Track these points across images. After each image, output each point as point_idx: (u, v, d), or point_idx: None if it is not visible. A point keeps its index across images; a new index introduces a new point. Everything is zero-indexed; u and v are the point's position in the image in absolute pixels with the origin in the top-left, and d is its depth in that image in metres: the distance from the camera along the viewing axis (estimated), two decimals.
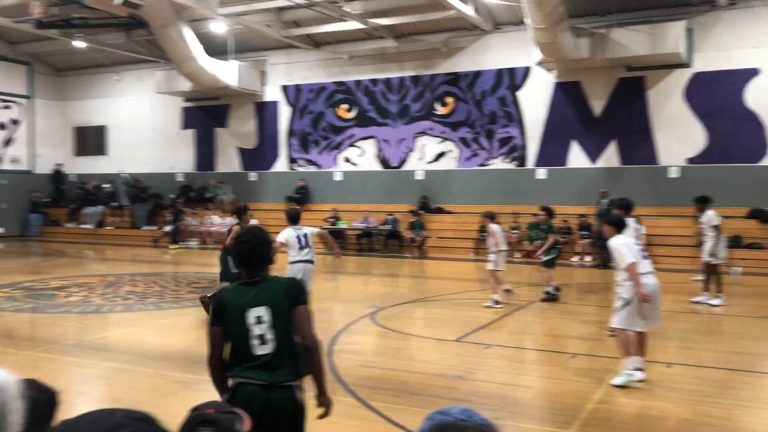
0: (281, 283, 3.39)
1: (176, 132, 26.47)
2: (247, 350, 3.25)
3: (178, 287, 13.36)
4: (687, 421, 5.64)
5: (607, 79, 19.50)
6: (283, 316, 3.27)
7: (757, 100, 17.94)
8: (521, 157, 20.73)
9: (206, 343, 3.42)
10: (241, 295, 3.34)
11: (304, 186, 23.70)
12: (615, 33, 17.88)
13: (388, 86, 22.62)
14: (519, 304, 11.37)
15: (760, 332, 9.21)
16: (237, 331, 3.27)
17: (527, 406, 6.24)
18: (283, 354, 3.25)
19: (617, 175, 19.33)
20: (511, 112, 20.80)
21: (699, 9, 18.41)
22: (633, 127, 19.28)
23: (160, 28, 20.32)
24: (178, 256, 20.40)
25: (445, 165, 21.82)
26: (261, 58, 24.55)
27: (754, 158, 18.04)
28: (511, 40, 20.57)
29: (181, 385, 6.67)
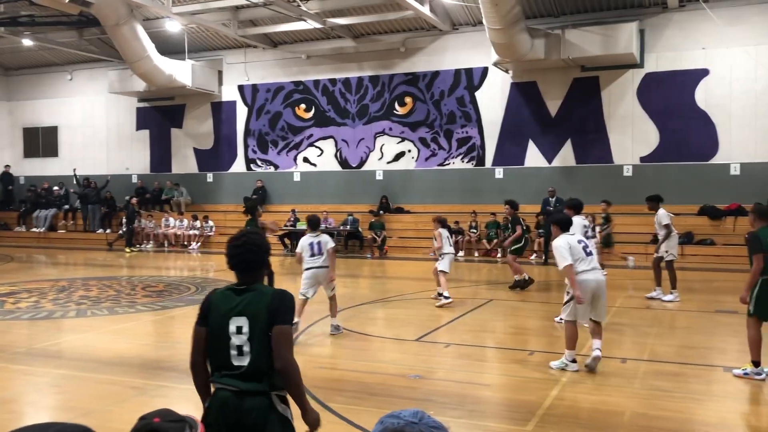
0: (266, 296, 3.24)
1: (131, 133, 25.98)
2: (225, 358, 3.19)
3: (133, 291, 13.08)
4: (641, 414, 5.73)
5: (563, 80, 19.80)
6: (261, 330, 3.16)
7: (707, 100, 18.43)
8: (479, 157, 20.90)
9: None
10: (226, 301, 3.25)
11: (262, 187, 23.49)
12: (569, 34, 18.16)
13: (347, 86, 22.57)
14: (478, 302, 11.45)
15: (712, 327, 9.44)
16: (217, 337, 3.21)
17: (487, 404, 6.27)
18: (259, 367, 3.16)
19: (573, 174, 19.64)
20: (469, 112, 20.95)
21: (651, 10, 18.83)
22: (588, 126, 19.61)
23: (112, 27, 19.89)
24: (134, 259, 20.01)
25: (405, 165, 21.87)
26: (217, 58, 24.25)
27: (705, 156, 18.52)
28: (468, 41, 20.73)
29: (136, 391, 6.52)
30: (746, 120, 18.08)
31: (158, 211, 24.41)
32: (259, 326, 3.15)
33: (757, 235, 6.68)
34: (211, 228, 23.15)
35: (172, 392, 6.56)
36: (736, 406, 6.25)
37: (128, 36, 20.26)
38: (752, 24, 17.94)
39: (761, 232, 6.68)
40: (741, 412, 6.11)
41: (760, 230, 6.71)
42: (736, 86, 18.15)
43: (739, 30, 18.02)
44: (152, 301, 11.96)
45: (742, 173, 18.15)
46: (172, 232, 23.30)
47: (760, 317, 6.78)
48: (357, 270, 17.14)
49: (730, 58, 18.16)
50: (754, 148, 18.04)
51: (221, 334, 3.18)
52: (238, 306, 3.20)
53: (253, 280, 3.30)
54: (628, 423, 5.54)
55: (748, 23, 17.96)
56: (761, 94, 17.73)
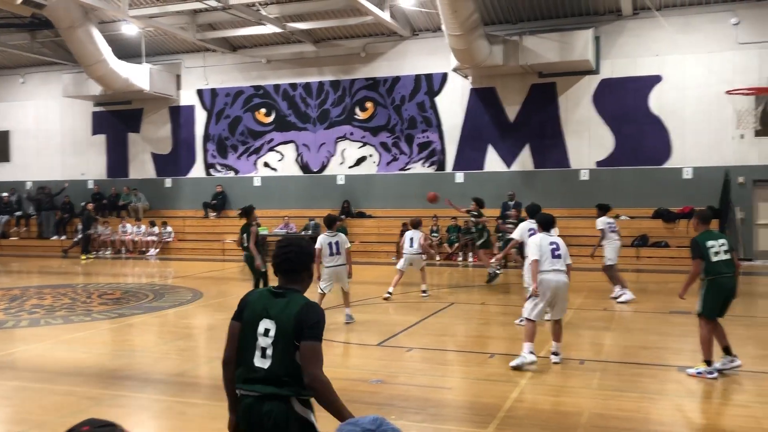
0: (296, 305, 3.23)
1: (86, 137, 25.47)
2: (250, 357, 3.22)
3: (89, 299, 12.81)
4: (599, 415, 5.84)
5: (521, 86, 20.08)
6: (285, 337, 3.17)
7: (660, 106, 18.89)
8: (440, 162, 21.05)
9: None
10: (261, 302, 3.30)
11: (222, 192, 23.26)
12: (527, 41, 18.43)
13: (308, 90, 22.51)
14: (440, 306, 11.52)
15: (667, 327, 9.66)
16: (246, 335, 3.25)
17: (448, 407, 6.31)
18: (278, 372, 3.16)
19: (531, 178, 19.91)
20: (430, 117, 21.10)
21: (605, 18, 19.23)
22: (545, 131, 19.92)
23: (66, 30, 19.48)
24: (90, 266, 19.59)
25: (366, 169, 21.89)
26: (176, 62, 23.95)
27: (659, 161, 18.97)
28: (428, 47, 20.88)
29: (92, 401, 6.39)
30: (698, 125, 18.59)
31: (115, 217, 23.97)
32: (284, 333, 3.17)
33: (697, 240, 7.03)
34: (170, 234, 22.83)
35: (130, 402, 6.45)
36: (690, 405, 6.41)
37: (83, 39, 19.87)
38: (704, 32, 18.46)
39: (702, 237, 7.05)
40: (694, 411, 6.27)
41: (702, 235, 7.08)
42: (688, 92, 18.65)
43: (690, 37, 18.53)
44: (109, 309, 11.74)
45: (694, 177, 18.64)
46: (130, 238, 22.90)
47: (708, 316, 7.03)
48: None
49: (683, 64, 18.66)
50: (706, 153, 18.55)
51: (250, 333, 3.23)
52: (271, 309, 3.24)
53: (292, 284, 3.35)
54: (586, 423, 5.63)
55: (700, 31, 18.48)
56: (713, 101, 18.24)
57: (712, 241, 7.01)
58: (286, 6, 19.96)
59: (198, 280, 16.08)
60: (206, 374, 7.53)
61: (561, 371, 7.26)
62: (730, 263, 6.99)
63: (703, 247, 6.95)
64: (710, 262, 6.93)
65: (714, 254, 6.94)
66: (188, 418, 5.98)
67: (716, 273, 6.92)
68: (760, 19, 17.63)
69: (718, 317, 7.06)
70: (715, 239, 7.05)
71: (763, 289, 13.88)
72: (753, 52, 17.93)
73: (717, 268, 6.92)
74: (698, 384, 6.81)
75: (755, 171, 18.25)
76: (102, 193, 24.73)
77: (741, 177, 18.30)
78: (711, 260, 6.92)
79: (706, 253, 6.92)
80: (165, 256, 22.14)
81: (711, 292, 6.97)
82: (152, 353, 8.50)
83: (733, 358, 7.06)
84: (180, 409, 6.25)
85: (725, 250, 6.99)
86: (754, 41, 17.83)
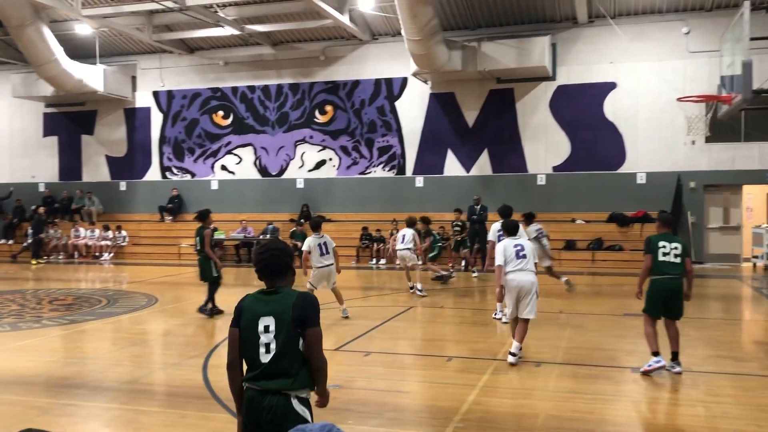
0: (291, 297, 3.47)
1: (37, 139, 24.82)
2: (255, 356, 3.41)
3: (39, 306, 12.45)
4: (554, 417, 5.89)
5: (479, 91, 20.27)
6: (285, 328, 3.38)
7: (615, 112, 19.27)
8: (400, 166, 21.10)
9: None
10: (256, 304, 3.49)
11: (178, 195, 22.91)
12: (485, 47, 18.61)
13: (266, 93, 22.33)
14: (398, 310, 11.52)
15: (621, 329, 9.82)
16: (248, 337, 3.44)
17: (405, 411, 6.29)
18: (281, 364, 3.36)
19: (490, 182, 20.09)
20: (390, 121, 21.13)
21: (562, 25, 19.55)
22: (503, 136, 20.13)
23: (16, 28, 18.93)
24: (41, 271, 19.07)
25: (326, 173, 21.81)
26: (131, 63, 23.52)
27: (613, 166, 19.33)
28: (388, 51, 20.92)
29: (39, 411, 6.19)
30: (651, 132, 19.02)
31: (68, 221, 23.39)
32: (284, 323, 3.38)
33: (650, 238, 7.38)
34: (125, 238, 22.37)
35: (79, 411, 6.27)
36: (644, 405, 6.52)
37: (34, 38, 19.34)
38: (656, 40, 18.91)
39: (656, 236, 7.35)
40: (648, 411, 6.37)
41: (658, 235, 7.37)
42: (641, 99, 19.07)
43: (643, 45, 18.96)
44: (60, 315, 11.42)
45: (647, 182, 19.05)
46: (83, 242, 22.36)
47: (651, 315, 7.34)
48: None
49: (636, 72, 19.07)
50: (659, 159, 18.98)
51: (251, 334, 3.42)
52: (267, 306, 3.44)
53: (279, 284, 3.53)
54: (542, 425, 5.68)
55: (653, 39, 18.92)
56: (665, 107, 18.68)
57: (664, 242, 7.27)
58: (245, 8, 19.78)
59: (153, 285, 15.77)
60: (160, 381, 7.37)
61: (518, 373, 7.32)
62: (678, 266, 7.21)
63: (654, 245, 7.27)
64: (657, 260, 7.22)
65: (662, 254, 7.21)
66: (141, 426, 5.84)
67: (660, 272, 7.21)
68: (710, 29, 18.14)
69: (662, 317, 7.33)
70: (668, 241, 7.28)
71: (714, 291, 14.24)
72: (703, 61, 18.42)
73: (662, 267, 7.20)
74: (651, 384, 6.93)
75: (706, 176, 18.74)
76: (53, 196, 24.11)
77: (692, 182, 18.78)
78: (658, 259, 7.21)
79: (655, 251, 7.22)
80: (119, 260, 21.68)
81: (652, 290, 7.31)
82: (104, 360, 8.29)
83: (675, 365, 7.25)
84: (132, 417, 6.09)
85: (676, 254, 7.21)
86: (704, 50, 18.32)
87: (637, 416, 6.14)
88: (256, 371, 3.40)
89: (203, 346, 8.83)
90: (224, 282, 11.66)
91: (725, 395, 6.53)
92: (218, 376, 7.22)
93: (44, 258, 21.72)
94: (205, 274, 11.11)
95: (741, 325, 11.02)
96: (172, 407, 6.34)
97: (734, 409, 6.11)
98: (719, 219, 19.12)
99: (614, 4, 18.71)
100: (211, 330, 10.21)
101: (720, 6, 18.34)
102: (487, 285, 15.34)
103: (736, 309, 12.62)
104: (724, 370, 7.43)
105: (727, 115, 13.91)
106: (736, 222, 19.06)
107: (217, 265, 11.03)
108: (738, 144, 18.41)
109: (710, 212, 19.13)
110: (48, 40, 19.71)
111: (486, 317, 11.01)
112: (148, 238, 22.70)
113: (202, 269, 11.13)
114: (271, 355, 3.36)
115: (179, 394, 6.74)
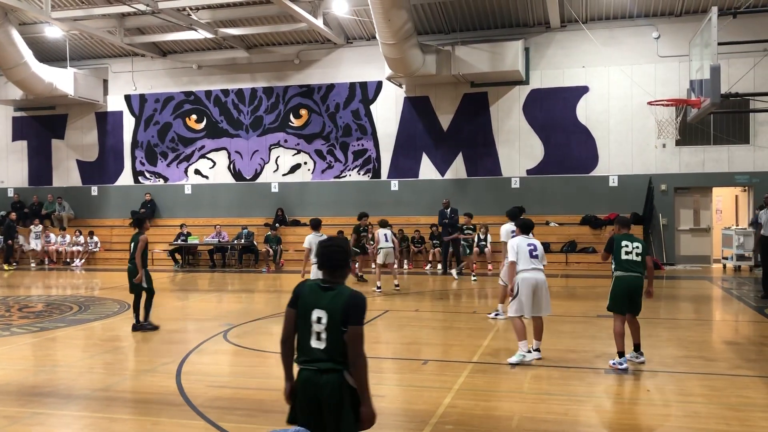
0: (343, 296, 3.75)
1: (6, 143, 24.42)
2: (307, 342, 3.73)
3: (9, 313, 12.22)
4: (529, 419, 5.93)
5: (453, 95, 20.38)
6: (335, 324, 3.69)
7: (588, 116, 19.50)
8: (375, 169, 21.12)
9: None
10: (312, 294, 3.78)
11: (151, 200, 22.67)
12: (459, 51, 18.73)
13: (240, 97, 22.22)
14: (374, 314, 11.51)
15: (594, 331, 9.92)
16: (302, 323, 3.76)
17: (381, 415, 6.25)
18: (333, 352, 3.69)
19: (464, 186, 20.20)
20: (365, 125, 21.15)
21: (535, 30, 19.74)
22: (478, 140, 20.26)
23: None
24: (12, 278, 18.73)
25: (301, 177, 21.76)
26: (102, 66, 23.26)
27: (586, 169, 19.56)
28: (362, 55, 20.95)
29: (9, 420, 6.07)
30: (623, 135, 19.27)
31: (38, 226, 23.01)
32: (334, 320, 3.69)
33: (614, 237, 7.76)
34: (96, 244, 22.08)
35: (50, 419, 6.16)
36: (617, 406, 6.59)
37: (2, 41, 19.04)
38: (627, 45, 19.18)
39: (620, 236, 7.73)
40: (621, 412, 6.44)
41: (621, 235, 7.75)
42: (613, 103, 19.32)
43: (615, 50, 19.23)
44: (30, 322, 11.22)
45: (619, 185, 19.30)
46: (54, 248, 22.03)
47: (615, 311, 7.67)
48: (252, 285, 16.82)
49: (608, 76, 19.33)
50: (630, 162, 19.24)
51: (305, 321, 3.75)
52: (321, 301, 3.73)
53: (336, 279, 3.81)
54: (517, 427, 5.71)
55: (624, 44, 19.19)
56: (636, 111, 18.95)
57: (627, 242, 7.63)
58: (218, 11, 19.67)
59: (125, 291, 15.56)
60: (133, 388, 7.28)
61: (492, 376, 7.36)
62: (639, 264, 7.56)
63: (616, 244, 7.62)
64: (619, 259, 7.58)
65: (625, 253, 7.56)
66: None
67: (623, 270, 7.57)
68: (679, 33, 18.45)
69: (627, 313, 7.64)
70: (630, 241, 7.65)
71: (684, 293, 14.45)
72: (673, 65, 18.73)
73: (624, 265, 7.56)
74: (624, 385, 7.02)
75: (676, 179, 19.04)
76: (23, 201, 23.72)
77: (663, 185, 19.07)
78: (620, 258, 7.58)
79: (617, 250, 7.58)
80: (91, 266, 21.38)
81: (616, 287, 7.63)
82: (76, 368, 8.16)
83: (638, 355, 7.74)
84: (104, 425, 6.01)
85: (638, 253, 7.58)
86: (673, 54, 18.63)
87: (610, 417, 6.21)
88: (309, 355, 3.72)
89: (176, 352, 8.74)
90: (199, 287, 11.56)
91: (696, 395, 6.63)
92: (191, 383, 7.15)
93: (13, 264, 21.36)
94: (133, 284, 10.13)
95: (711, 325, 11.20)
96: (145, 414, 6.26)
97: (704, 408, 6.20)
98: (690, 221, 19.43)
99: (586, 9, 18.95)
100: (184, 337, 10.11)
101: (689, 11, 18.67)
102: (462, 289, 15.41)
103: (706, 310, 12.82)
104: (695, 370, 7.54)
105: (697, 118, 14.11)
106: (706, 224, 19.38)
107: (139, 276, 9.99)
108: (707, 147, 18.74)
109: (681, 214, 19.43)
110: (17, 43, 19.41)
111: (461, 320, 11.05)
112: (121, 243, 22.40)
113: (130, 279, 10.17)
114: (321, 343, 3.70)
115: (152, 401, 6.66)
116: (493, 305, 11.50)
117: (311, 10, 18.41)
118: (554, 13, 18.64)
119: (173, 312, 12.53)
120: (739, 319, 11.46)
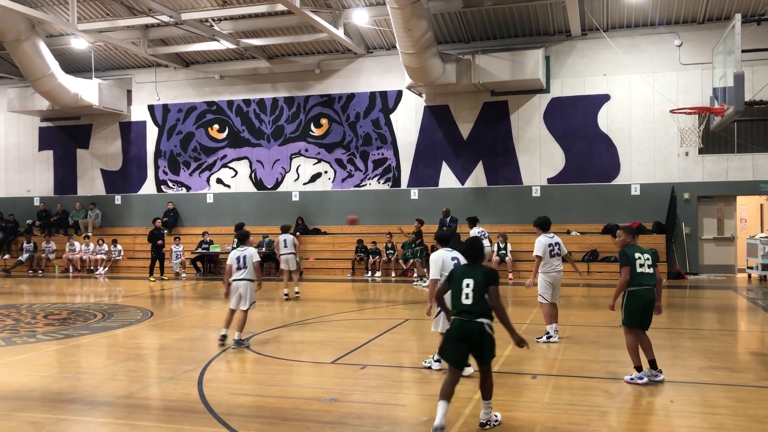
0: (482, 270, 5.86)
1: (33, 153, 24.83)
2: (458, 299, 5.76)
3: (34, 320, 12.40)
4: (550, 428, 5.89)
5: (473, 103, 20.38)
6: (478, 286, 5.70)
7: (609, 124, 19.39)
8: (395, 178, 21.16)
9: None
10: (465, 270, 5.94)
11: (174, 209, 22.90)
12: (479, 59, 18.74)
13: (262, 107, 22.41)
14: (395, 323, 11.51)
15: (617, 341, 9.82)
16: (456, 288, 5.82)
17: (402, 425, 6.28)
18: (477, 306, 5.68)
19: (485, 194, 20.16)
20: (385, 134, 21.22)
21: (555, 38, 19.70)
22: (498, 149, 20.22)
23: (12, 43, 19.01)
24: (36, 285, 18.99)
25: (321, 186, 21.86)
26: (126, 77, 23.60)
27: (608, 178, 19.42)
28: (382, 64, 21.05)
29: (34, 426, 6.16)
30: (645, 143, 19.13)
31: (63, 234, 23.36)
32: (477, 284, 5.72)
33: (625, 250, 7.47)
34: (120, 252, 22.34)
35: (74, 426, 6.24)
36: (639, 417, 6.52)
37: (29, 53, 19.42)
38: (649, 53, 19.06)
39: (629, 248, 7.49)
40: (643, 423, 6.37)
41: (629, 247, 7.51)
42: (635, 111, 19.19)
43: (636, 58, 19.11)
44: (55, 329, 11.37)
45: (642, 193, 19.14)
46: (78, 256, 22.32)
47: (629, 326, 7.47)
48: (273, 293, 16.89)
49: (629, 84, 19.22)
50: (652, 170, 19.08)
51: (458, 286, 5.79)
52: (469, 273, 5.84)
53: (477, 262, 6.01)
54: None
55: (645, 52, 19.07)
56: (658, 119, 18.81)
57: (638, 254, 7.44)
58: (240, 22, 19.88)
59: (148, 299, 15.74)
60: (156, 395, 7.34)
61: (513, 386, 7.32)
62: (651, 277, 7.38)
63: (630, 257, 7.39)
64: (635, 272, 7.34)
65: (639, 266, 7.36)
66: None
67: (638, 284, 7.33)
68: (702, 41, 18.30)
69: (640, 328, 7.45)
70: (641, 252, 7.47)
71: (708, 302, 14.27)
72: (695, 73, 18.57)
73: (639, 279, 7.33)
74: (647, 396, 6.94)
75: (700, 187, 18.84)
76: (48, 210, 24.09)
77: (686, 193, 18.88)
78: (636, 270, 7.34)
79: (633, 263, 7.35)
80: (114, 274, 21.62)
81: (631, 302, 7.38)
82: (99, 375, 8.26)
83: (657, 373, 7.40)
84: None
85: (649, 264, 7.40)
86: (696, 62, 18.48)
87: (633, 428, 6.14)
88: (461, 308, 5.71)
89: (199, 360, 8.81)
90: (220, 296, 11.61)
91: (721, 406, 6.54)
92: (213, 391, 7.20)
93: (40, 272, 21.68)
94: None
95: (736, 335, 11.04)
96: (168, 422, 6.32)
97: (730, 420, 6.12)
98: (713, 230, 19.20)
99: (607, 17, 18.87)
100: (206, 344, 10.18)
101: (711, 18, 18.52)
102: None
103: (731, 320, 12.64)
104: (720, 381, 7.44)
105: (720, 126, 13.99)
106: (730, 233, 19.14)
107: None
108: (731, 155, 18.53)
109: (704, 223, 19.21)
110: (44, 55, 19.78)
111: None
112: (143, 252, 22.65)
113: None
114: (469, 299, 5.67)
115: (175, 408, 6.72)
116: (515, 314, 11.43)
117: (332, 20, 18.55)
118: (575, 22, 18.60)
119: (195, 320, 12.63)
120: (765, 330, 11.29)
